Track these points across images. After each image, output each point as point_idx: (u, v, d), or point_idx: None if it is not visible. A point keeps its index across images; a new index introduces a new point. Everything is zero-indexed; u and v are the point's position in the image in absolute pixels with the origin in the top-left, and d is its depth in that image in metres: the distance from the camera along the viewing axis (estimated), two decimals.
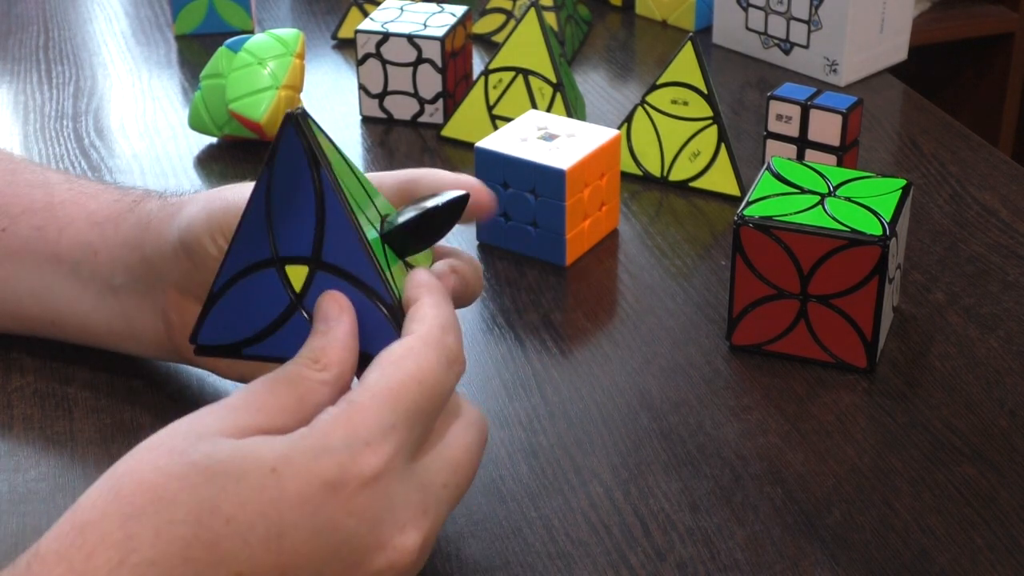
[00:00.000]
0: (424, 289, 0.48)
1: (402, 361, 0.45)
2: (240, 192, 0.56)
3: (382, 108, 0.95)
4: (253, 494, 0.40)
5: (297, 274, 0.47)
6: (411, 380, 0.44)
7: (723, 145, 0.82)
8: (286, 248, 0.47)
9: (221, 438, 0.42)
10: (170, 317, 0.59)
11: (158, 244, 0.58)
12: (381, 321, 0.47)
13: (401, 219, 0.49)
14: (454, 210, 0.50)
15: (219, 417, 0.43)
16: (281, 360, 0.47)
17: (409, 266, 0.51)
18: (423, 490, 0.44)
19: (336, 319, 0.47)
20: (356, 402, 0.43)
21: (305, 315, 0.48)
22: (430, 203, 0.49)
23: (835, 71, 1.01)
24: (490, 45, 1.07)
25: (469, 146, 0.87)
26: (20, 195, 0.64)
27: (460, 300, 0.52)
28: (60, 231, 0.62)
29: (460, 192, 0.50)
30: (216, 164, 0.89)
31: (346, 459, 0.41)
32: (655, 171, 0.85)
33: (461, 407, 0.48)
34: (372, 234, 0.48)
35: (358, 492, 0.41)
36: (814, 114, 0.79)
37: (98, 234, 0.61)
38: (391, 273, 0.48)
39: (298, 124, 0.46)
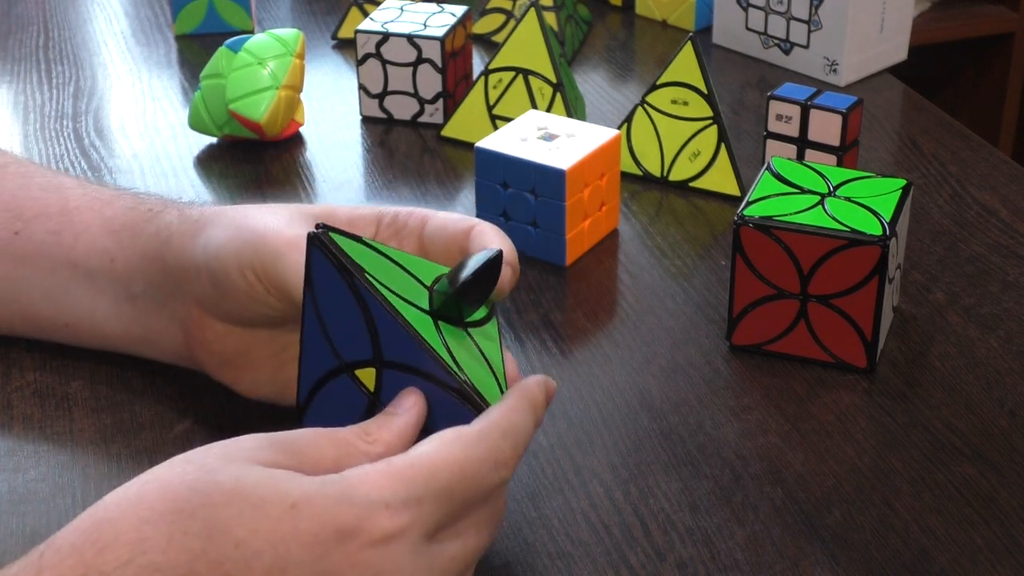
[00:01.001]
0: (514, 388, 0.49)
1: (452, 444, 0.45)
2: (267, 220, 0.55)
3: (382, 108, 0.95)
4: (267, 523, 0.41)
5: (367, 376, 0.49)
6: (453, 464, 0.44)
7: (723, 145, 0.82)
8: (349, 354, 0.49)
9: (253, 465, 0.43)
10: (190, 330, 0.59)
11: (180, 260, 0.58)
12: (453, 404, 0.48)
13: (446, 287, 0.50)
14: (492, 268, 0.51)
15: (257, 446, 0.44)
16: None
17: (469, 326, 0.51)
18: (431, 569, 0.44)
19: (404, 409, 0.48)
20: (393, 464, 0.44)
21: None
22: (466, 272, 0.50)
23: (835, 71, 1.01)
24: (490, 45, 1.07)
25: (469, 146, 0.87)
26: (34, 199, 0.64)
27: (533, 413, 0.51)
28: (76, 237, 0.62)
29: (494, 250, 0.51)
30: (216, 164, 0.89)
31: (364, 514, 0.42)
32: (655, 171, 0.85)
33: (491, 501, 0.48)
34: (422, 317, 0.49)
35: (366, 548, 0.42)
36: (814, 114, 0.79)
37: (115, 242, 0.61)
38: (449, 350, 0.49)
39: (322, 244, 0.47)
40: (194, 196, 0.84)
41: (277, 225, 0.54)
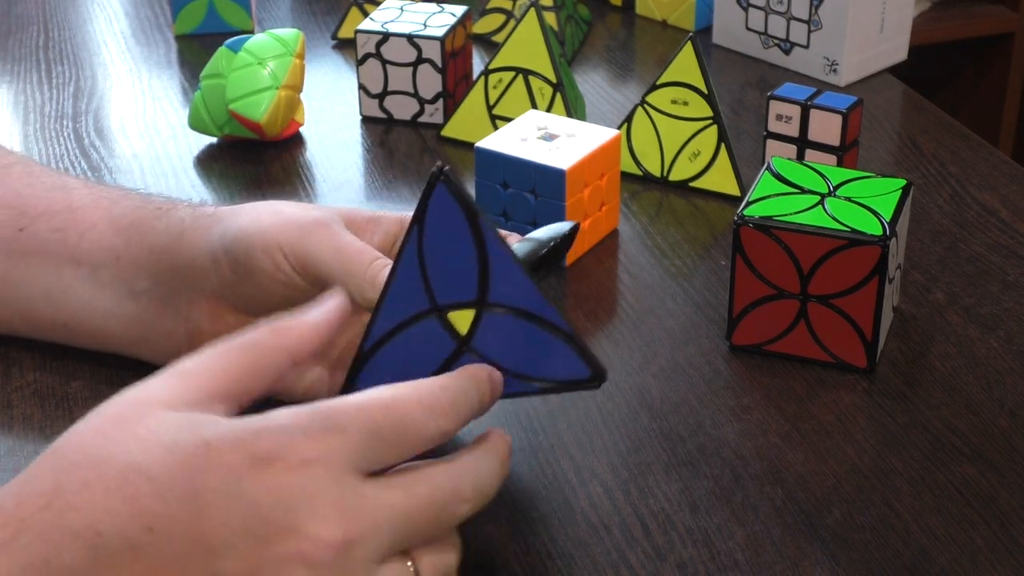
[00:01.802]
0: (460, 369, 0.49)
1: (383, 389, 0.45)
2: (294, 208, 0.57)
3: (382, 108, 0.95)
4: (180, 459, 0.41)
5: (462, 319, 0.50)
6: (379, 402, 0.44)
7: (723, 145, 0.82)
8: (446, 296, 0.49)
9: (166, 410, 0.43)
10: (199, 324, 0.59)
11: (193, 253, 0.59)
12: (561, 348, 0.49)
13: (536, 249, 0.52)
14: (567, 241, 0.52)
15: (168, 387, 0.44)
16: None
17: None
18: (362, 498, 0.43)
19: (320, 306, 0.49)
20: (317, 403, 0.44)
21: (474, 355, 0.50)
22: (546, 235, 0.53)
23: (835, 71, 1.01)
24: (490, 45, 1.07)
25: (469, 146, 0.87)
26: (39, 197, 0.64)
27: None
28: (81, 235, 0.62)
29: (570, 224, 0.53)
30: (216, 164, 0.89)
31: (281, 440, 0.42)
32: (655, 171, 0.85)
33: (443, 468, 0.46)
34: (525, 266, 0.50)
35: (282, 473, 0.41)
36: (814, 114, 0.79)
37: (122, 239, 0.62)
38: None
39: (449, 181, 0.47)
40: (194, 196, 0.83)
41: (298, 210, 0.57)
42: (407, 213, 0.60)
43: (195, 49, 1.08)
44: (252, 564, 0.41)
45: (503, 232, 0.58)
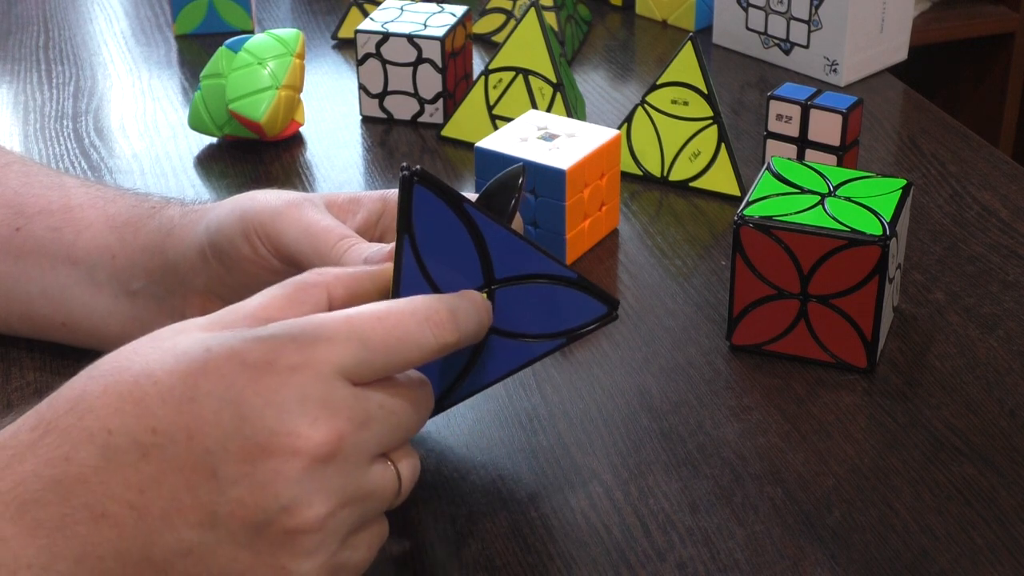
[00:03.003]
0: (464, 293, 0.50)
1: (379, 303, 0.46)
2: (269, 195, 0.58)
3: (382, 108, 0.95)
4: (183, 366, 0.43)
5: None
6: (371, 313, 0.45)
7: (723, 145, 0.82)
8: (454, 289, 0.49)
9: (199, 330, 0.45)
10: None
11: (182, 249, 0.59)
12: (576, 296, 0.51)
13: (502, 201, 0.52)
14: (511, 178, 0.52)
15: (211, 315, 0.47)
16: (479, 390, 0.53)
17: None
18: (351, 399, 0.44)
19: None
20: (312, 316, 0.45)
21: (496, 334, 0.51)
22: (490, 182, 0.53)
23: (835, 71, 1.01)
24: (490, 45, 1.07)
25: (469, 146, 0.87)
26: (36, 196, 0.64)
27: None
28: (78, 233, 0.62)
29: (516, 166, 0.53)
30: (216, 164, 0.89)
31: (272, 347, 0.43)
32: (655, 171, 0.85)
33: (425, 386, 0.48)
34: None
35: (271, 375, 0.43)
36: (814, 114, 0.79)
37: (117, 238, 0.62)
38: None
39: (423, 178, 0.47)
40: (194, 196, 0.84)
41: (272, 195, 0.58)
42: (387, 190, 0.60)
43: (195, 49, 1.08)
44: (248, 466, 0.42)
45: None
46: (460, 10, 0.95)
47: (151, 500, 0.42)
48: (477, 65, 1.00)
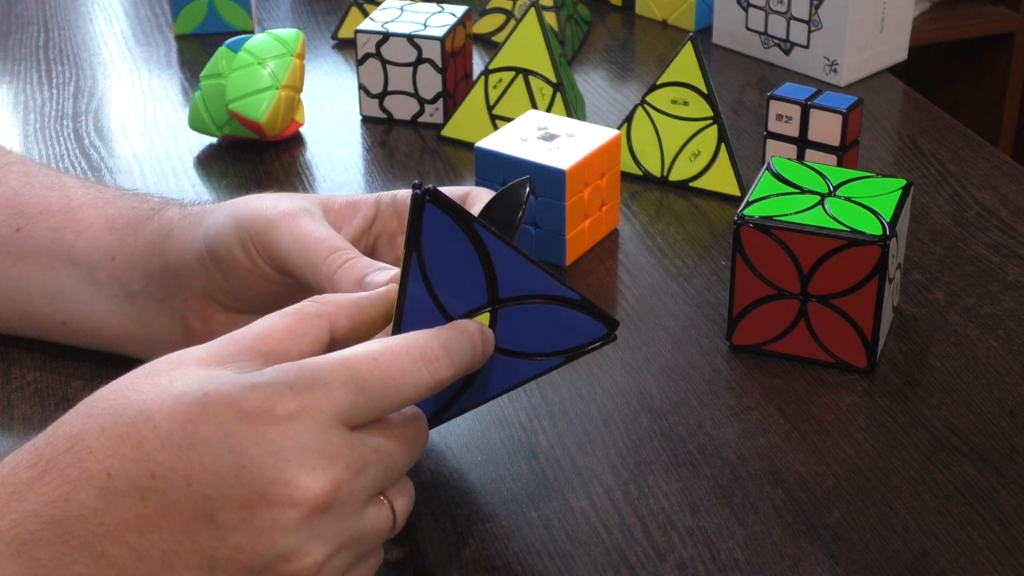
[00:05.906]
0: (458, 324, 0.50)
1: (372, 343, 0.46)
2: (261, 200, 0.58)
3: (382, 108, 0.95)
4: (181, 410, 0.43)
5: (481, 322, 0.50)
6: (366, 355, 0.45)
7: (723, 145, 0.82)
8: (460, 307, 0.50)
9: (196, 366, 0.45)
10: (192, 324, 0.60)
11: (181, 252, 0.59)
12: (579, 318, 0.51)
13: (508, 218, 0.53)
14: (514, 192, 0.53)
15: (208, 346, 0.47)
16: (478, 405, 0.53)
17: None
18: (346, 445, 0.44)
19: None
20: (307, 361, 0.45)
21: (498, 352, 0.51)
22: (508, 201, 0.53)
23: (835, 71, 1.01)
24: (490, 45, 1.07)
25: (469, 146, 0.87)
26: (37, 196, 0.64)
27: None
28: (78, 234, 0.62)
29: (520, 180, 0.53)
30: (216, 164, 0.89)
31: (269, 395, 0.43)
32: (655, 171, 0.85)
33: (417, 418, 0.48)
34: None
35: (270, 425, 0.43)
36: (814, 114, 0.79)
37: (117, 239, 0.62)
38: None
39: (434, 196, 0.47)
40: (194, 196, 0.84)
41: (270, 202, 0.58)
42: (381, 194, 0.60)
43: (195, 49, 1.08)
44: (247, 513, 0.42)
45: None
46: (460, 10, 0.95)
47: (151, 542, 0.42)
48: (477, 65, 1.00)
